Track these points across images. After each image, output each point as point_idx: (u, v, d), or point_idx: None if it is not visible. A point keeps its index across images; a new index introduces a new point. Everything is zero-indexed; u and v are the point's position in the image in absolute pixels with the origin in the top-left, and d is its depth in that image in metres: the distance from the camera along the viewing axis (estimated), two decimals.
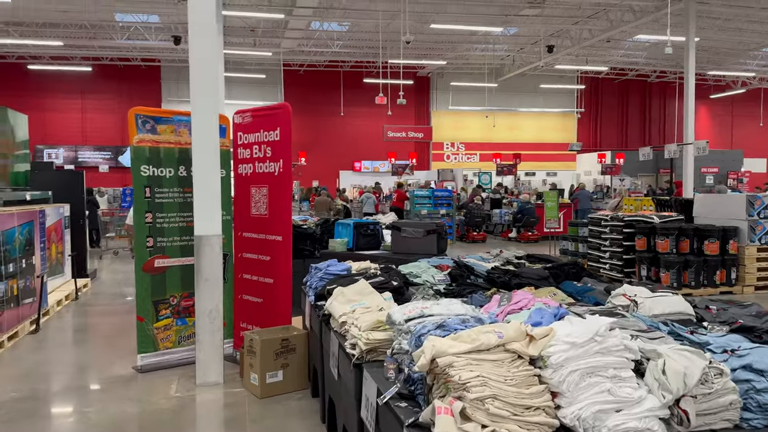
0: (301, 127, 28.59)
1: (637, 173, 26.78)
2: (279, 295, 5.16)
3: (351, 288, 3.78)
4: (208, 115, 4.72)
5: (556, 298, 3.52)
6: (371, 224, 6.31)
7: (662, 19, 20.39)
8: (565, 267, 4.30)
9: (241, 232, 5.53)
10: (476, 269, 4.45)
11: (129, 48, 24.19)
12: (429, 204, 17.05)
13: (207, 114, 4.72)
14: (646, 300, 2.99)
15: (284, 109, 5.08)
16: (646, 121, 31.90)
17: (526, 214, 17.14)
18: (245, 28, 22.02)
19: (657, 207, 10.91)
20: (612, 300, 3.11)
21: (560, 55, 23.91)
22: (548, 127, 30.85)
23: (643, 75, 30.35)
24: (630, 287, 3.17)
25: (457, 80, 28.69)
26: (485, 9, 19.98)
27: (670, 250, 9.03)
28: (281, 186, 5.13)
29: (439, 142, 29.98)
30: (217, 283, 4.83)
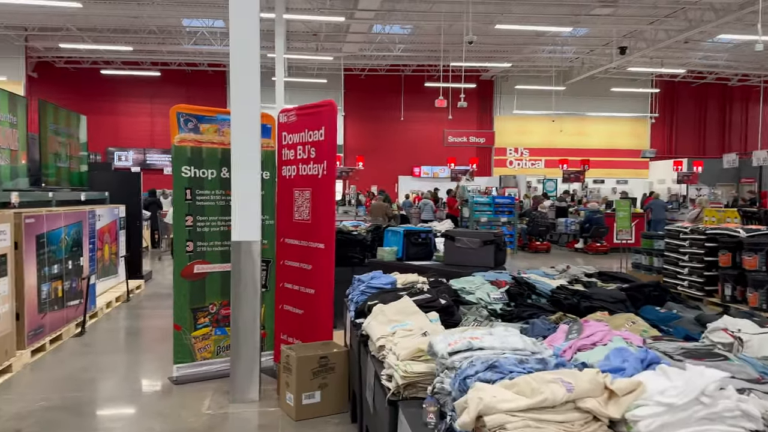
0: (361, 131, 28.43)
1: (715, 182, 25.07)
2: (320, 307, 4.77)
3: (392, 306, 3.33)
4: (248, 111, 4.39)
5: (636, 327, 2.95)
6: (423, 232, 5.84)
7: (746, 18, 18.94)
8: (645, 288, 3.69)
9: (284, 238, 5.18)
10: (538, 287, 3.91)
11: (195, 53, 24.71)
12: (489, 211, 16.39)
13: (246, 110, 4.40)
14: (753, 337, 2.40)
15: (329, 106, 4.70)
16: (725, 127, 29.91)
17: (595, 224, 16.19)
18: (308, 32, 22.04)
19: (743, 219, 9.91)
20: (709, 335, 2.52)
21: (633, 57, 22.66)
22: (619, 132, 29.40)
23: (724, 78, 28.46)
24: (731, 320, 2.57)
25: (522, 83, 27.77)
26: (554, 9, 19.12)
27: (759, 267, 8.09)
28: (325, 189, 4.75)
29: (501, 148, 29.12)
30: (254, 293, 4.49)
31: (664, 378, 1.63)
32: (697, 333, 2.87)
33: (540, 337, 2.68)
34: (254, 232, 4.44)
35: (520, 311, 3.53)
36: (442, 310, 3.39)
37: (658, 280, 3.53)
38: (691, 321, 3.12)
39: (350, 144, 28.36)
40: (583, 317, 3.39)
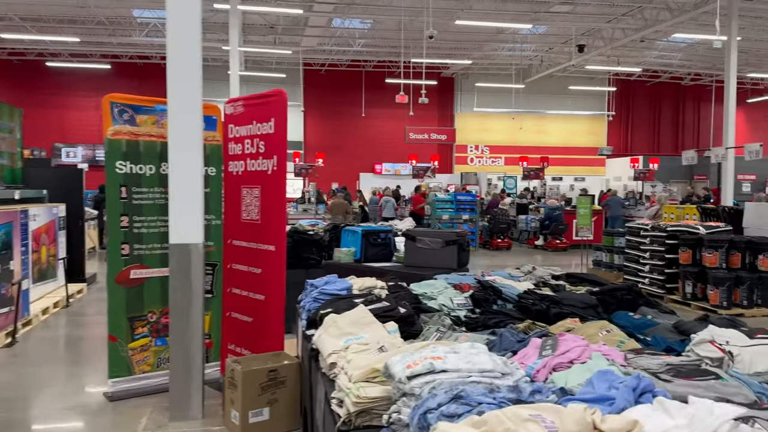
0: (322, 127, 27.94)
1: (669, 179, 25.57)
2: (271, 315, 4.40)
3: (346, 316, 3.00)
4: (188, 100, 3.99)
5: (611, 337, 2.69)
6: (382, 232, 5.53)
7: (700, 18, 19.29)
8: (617, 292, 3.46)
9: (231, 240, 4.79)
10: (504, 292, 3.63)
11: (147, 45, 23.80)
12: (451, 209, 16.22)
13: (186, 99, 4.00)
14: (743, 351, 2.16)
15: (279, 96, 4.33)
16: (679, 125, 30.60)
17: (554, 221, 16.20)
18: (265, 25, 21.46)
19: (701, 216, 9.94)
20: (695, 349, 2.28)
21: (591, 56, 22.86)
22: (577, 130, 29.73)
23: (677, 78, 29.10)
24: (717, 330, 2.34)
25: (482, 81, 27.77)
26: (514, 5, 19.09)
27: (720, 264, 8.09)
28: (275, 187, 4.37)
29: (462, 145, 29.08)
30: (195, 300, 4.09)
31: (664, 415, 1.35)
32: (677, 342, 2.64)
33: (509, 352, 2.40)
34: (195, 234, 4.04)
35: (486, 319, 3.25)
36: (402, 319, 3.08)
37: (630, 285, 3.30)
38: (668, 328, 2.89)
39: (310, 140, 27.86)
40: (553, 324, 3.13)
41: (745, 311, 7.89)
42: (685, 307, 8.43)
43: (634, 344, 2.58)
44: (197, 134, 4.03)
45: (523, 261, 14.68)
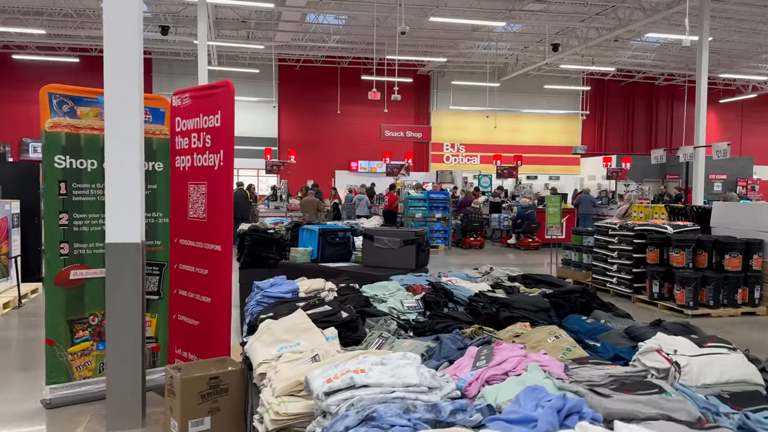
0: (297, 124, 27.63)
1: (642, 179, 25.80)
2: (216, 319, 4.19)
3: (283, 322, 2.81)
4: (125, 89, 3.77)
5: (559, 344, 2.55)
6: (340, 231, 5.34)
7: (673, 18, 19.45)
8: (571, 295, 3.33)
9: (178, 239, 4.57)
10: (456, 294, 3.48)
11: None
12: (424, 207, 16.10)
13: (123, 89, 3.77)
14: (691, 361, 2.03)
15: (225, 87, 4.11)
16: (652, 125, 30.91)
17: (526, 220, 16.17)
18: (237, 19, 21.10)
19: (670, 215, 9.93)
20: (641, 358, 2.14)
21: (565, 55, 22.94)
22: (551, 129, 29.86)
23: (651, 78, 29.38)
24: (666, 338, 2.20)
25: (458, 79, 27.73)
26: (488, 3, 19.04)
27: (686, 264, 8.06)
28: (222, 183, 4.17)
29: (438, 143, 29.01)
30: (134, 303, 3.87)
31: None
32: (627, 349, 2.51)
33: (446, 362, 2.24)
34: (133, 233, 3.82)
35: (434, 323, 3.09)
36: (344, 324, 2.90)
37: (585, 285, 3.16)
38: (620, 333, 2.77)
39: (285, 137, 27.53)
40: (503, 328, 2.99)
41: (711, 311, 7.88)
42: (652, 307, 8.40)
43: (581, 352, 2.44)
44: (136, 126, 3.80)
45: (495, 260, 14.64)
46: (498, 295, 3.37)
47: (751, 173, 26.49)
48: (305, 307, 3.04)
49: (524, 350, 2.05)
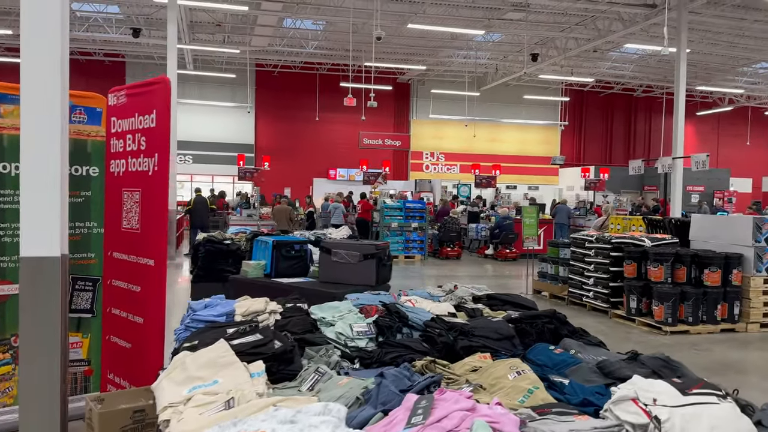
0: (274, 130, 27.17)
1: (620, 189, 25.77)
2: (149, 341, 3.76)
3: (201, 354, 2.41)
4: (43, 83, 3.34)
5: (520, 382, 2.18)
6: (297, 243, 4.94)
7: (651, 30, 19.44)
8: (538, 321, 2.96)
9: (111, 251, 4.13)
10: (411, 318, 3.10)
11: (89, 41, 22.64)
12: (400, 216, 15.75)
13: (41, 82, 3.34)
14: (673, 413, 1.67)
15: (162, 84, 3.71)
16: (630, 136, 31.01)
17: (504, 230, 15.90)
18: (212, 23, 20.65)
19: (648, 228, 9.69)
20: (614, 409, 1.78)
21: (545, 65, 22.85)
22: (531, 139, 29.79)
23: (629, 89, 29.49)
24: (643, 383, 1.84)
25: (438, 88, 27.54)
26: (467, 11, 18.85)
27: (665, 279, 7.79)
28: (157, 190, 3.75)
29: (418, 151, 28.76)
30: (49, 325, 3.42)
31: None
32: (599, 388, 2.15)
33: (381, 412, 1.85)
34: (50, 246, 3.37)
35: (383, 353, 2.72)
36: (276, 357, 2.51)
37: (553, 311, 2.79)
38: (591, 369, 2.41)
39: (261, 143, 27.04)
40: (460, 360, 2.62)
41: (690, 328, 7.61)
42: (630, 323, 8.11)
43: (545, 395, 2.07)
44: (55, 126, 3.37)
45: (472, 271, 14.34)
46: (457, 320, 3.00)
47: (728, 185, 26.64)
48: (233, 335, 2.64)
49: (471, 401, 1.68)
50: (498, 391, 2.22)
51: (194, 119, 25.72)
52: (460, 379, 2.31)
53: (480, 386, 2.22)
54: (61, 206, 3.47)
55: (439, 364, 2.46)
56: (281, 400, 1.92)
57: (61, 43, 3.43)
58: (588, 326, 7.95)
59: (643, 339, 7.40)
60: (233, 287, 4.81)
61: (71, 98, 4.13)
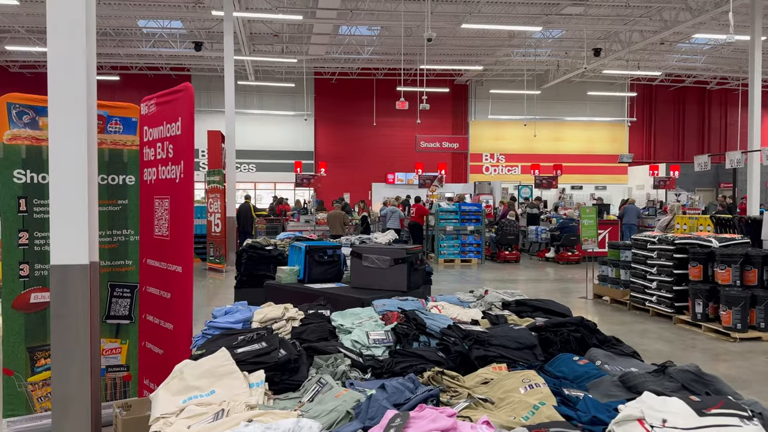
0: (333, 137, 27.48)
1: (695, 187, 24.42)
2: (179, 347, 3.79)
3: (201, 364, 2.37)
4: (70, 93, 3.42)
5: (529, 397, 2.01)
6: (329, 248, 4.88)
7: (722, 18, 18.34)
8: (564, 329, 2.75)
9: (146, 259, 4.20)
10: (429, 325, 2.95)
11: (156, 56, 23.68)
12: (456, 220, 15.50)
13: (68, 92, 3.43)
14: None
15: (185, 92, 3.73)
16: (705, 131, 29.35)
17: (566, 232, 15.35)
18: (270, 34, 21.11)
19: (716, 227, 9.07)
20: (617, 429, 1.58)
21: (608, 60, 21.98)
22: (596, 137, 28.73)
23: (702, 82, 27.94)
24: (653, 400, 1.63)
25: (497, 88, 27.05)
26: (524, 8, 18.40)
27: (733, 281, 7.24)
28: (183, 197, 3.78)
29: (477, 153, 28.33)
30: (80, 331, 3.50)
31: None
32: (615, 404, 1.94)
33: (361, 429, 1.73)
34: (79, 253, 3.45)
35: (394, 362, 2.59)
36: (279, 366, 2.44)
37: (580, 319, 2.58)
38: (614, 382, 2.20)
39: (321, 150, 27.41)
40: (475, 370, 2.46)
41: (763, 334, 7.03)
42: (696, 329, 7.59)
43: (551, 412, 1.89)
44: (82, 135, 3.45)
45: (530, 275, 13.90)
46: (475, 328, 2.83)
47: None
48: (240, 343, 2.59)
49: (452, 420, 1.53)
50: (506, 406, 2.05)
51: (256, 129, 26.42)
52: (464, 392, 2.16)
53: (485, 401, 2.06)
54: (89, 214, 3.55)
55: (447, 375, 2.31)
56: (260, 414, 1.84)
57: (86, 56, 3.52)
58: (651, 332, 7.57)
59: (709, 346, 6.90)
60: (268, 292, 4.80)
61: (107, 109, 4.25)
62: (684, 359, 6.38)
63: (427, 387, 2.11)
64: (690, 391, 2.01)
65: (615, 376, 2.25)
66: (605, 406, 1.91)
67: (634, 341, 6.92)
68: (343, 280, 4.87)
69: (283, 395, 2.36)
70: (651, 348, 6.82)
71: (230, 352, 2.43)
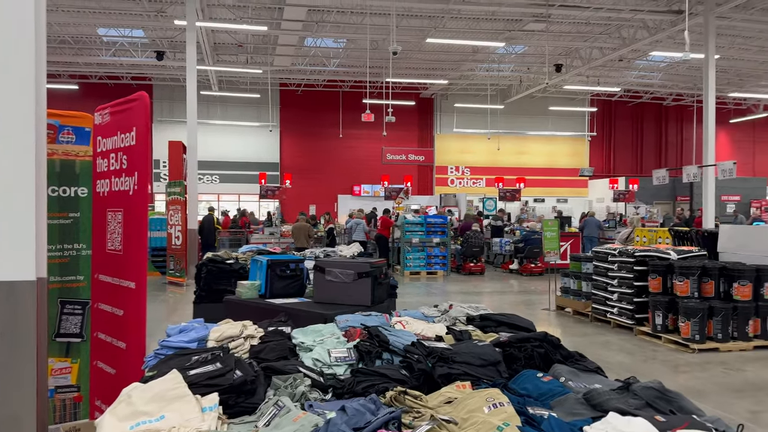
0: (299, 148, 27.30)
1: (652, 200, 25.05)
2: (131, 367, 3.62)
3: (150, 387, 2.24)
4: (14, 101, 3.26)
5: (493, 418, 1.96)
6: (292, 261, 4.77)
7: (678, 36, 18.93)
8: (528, 344, 2.72)
9: (98, 274, 4.03)
10: (393, 342, 2.88)
11: (116, 65, 23.19)
12: (421, 232, 15.52)
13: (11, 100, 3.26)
14: None
15: (140, 100, 3.60)
16: (662, 146, 30.23)
17: (530, 244, 15.51)
18: (234, 44, 20.91)
19: (674, 240, 9.27)
20: None
21: (569, 76, 22.47)
22: (558, 151, 29.28)
23: (659, 98, 28.81)
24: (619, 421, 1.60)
25: (461, 102, 27.34)
26: (488, 24, 18.68)
27: (691, 293, 7.39)
28: (137, 210, 3.64)
29: (443, 166, 28.53)
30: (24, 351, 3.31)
31: None
32: (582, 423, 1.90)
33: None
34: (23, 269, 3.27)
35: (356, 382, 2.51)
36: (234, 389, 2.33)
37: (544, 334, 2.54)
38: (578, 400, 2.16)
39: (286, 161, 27.20)
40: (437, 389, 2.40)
41: (720, 345, 7.17)
42: (656, 340, 7.71)
43: None
44: (27, 146, 3.28)
45: (495, 287, 13.98)
46: (439, 344, 2.77)
47: (764, 194, 25.65)
48: (193, 364, 2.47)
49: None
50: (469, 427, 1.99)
51: (220, 139, 26.05)
52: (427, 413, 2.09)
53: (448, 422, 2.00)
54: (37, 228, 3.37)
55: (409, 395, 2.24)
56: None
57: (35, 64, 3.36)
58: (612, 344, 7.65)
59: (669, 358, 7.00)
60: (228, 308, 4.66)
61: (58, 118, 4.08)
62: (645, 371, 6.46)
63: (389, 408, 2.04)
64: (654, 408, 1.99)
65: (579, 393, 2.22)
66: (569, 426, 1.87)
67: (596, 353, 6.99)
68: (306, 295, 4.76)
69: (238, 419, 2.25)
70: (613, 360, 6.89)
71: (182, 374, 2.32)
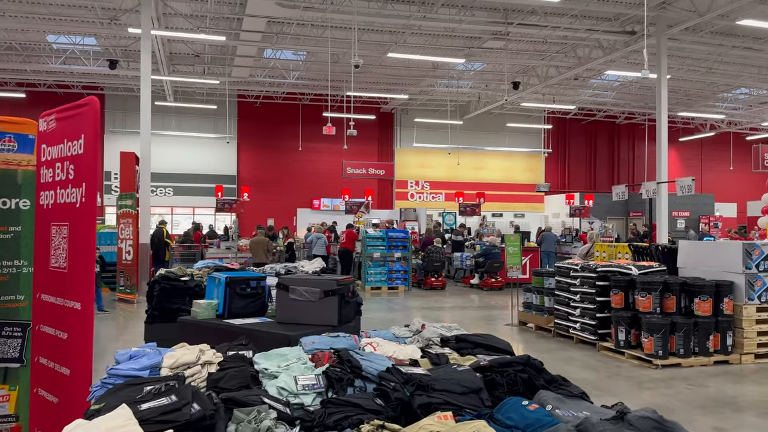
0: (257, 161, 26.83)
1: (606, 216, 25.59)
2: (76, 395, 3.31)
3: (96, 425, 1.98)
4: None
5: None
6: (252, 279, 4.52)
7: (631, 57, 19.53)
8: (510, 369, 2.56)
9: (40, 293, 3.70)
10: (365, 367, 2.68)
11: (66, 73, 22.35)
12: (383, 246, 15.36)
13: None
14: None
15: (89, 106, 3.32)
16: (614, 163, 31.03)
17: (490, 259, 15.54)
18: (190, 54, 20.45)
19: (634, 255, 9.37)
20: None
21: (526, 93, 22.85)
22: (515, 167, 29.69)
23: (612, 116, 29.61)
24: None
25: (421, 117, 27.46)
26: (447, 41, 18.81)
27: (653, 309, 7.43)
28: (84, 224, 3.35)
29: (403, 180, 28.51)
30: None
31: None
32: None
33: None
34: None
35: (327, 414, 2.30)
36: (191, 425, 2.09)
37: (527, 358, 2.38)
38: (569, 431, 2.01)
39: (244, 174, 26.67)
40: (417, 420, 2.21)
41: (682, 360, 7.22)
42: (619, 356, 7.71)
43: None
44: None
45: (457, 302, 13.90)
46: (416, 370, 2.59)
47: (713, 210, 26.54)
48: (146, 396, 2.22)
49: None
50: None
51: (174, 151, 25.36)
52: None
53: None
54: None
55: (388, 428, 2.05)
56: None
57: None
58: (576, 360, 7.60)
59: (633, 374, 6.99)
60: (183, 330, 4.37)
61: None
62: (609, 387, 6.42)
63: None
64: None
65: (569, 424, 2.07)
66: None
67: (560, 369, 6.91)
68: (268, 315, 4.51)
69: None
70: (577, 376, 6.83)
71: (133, 409, 2.07)
